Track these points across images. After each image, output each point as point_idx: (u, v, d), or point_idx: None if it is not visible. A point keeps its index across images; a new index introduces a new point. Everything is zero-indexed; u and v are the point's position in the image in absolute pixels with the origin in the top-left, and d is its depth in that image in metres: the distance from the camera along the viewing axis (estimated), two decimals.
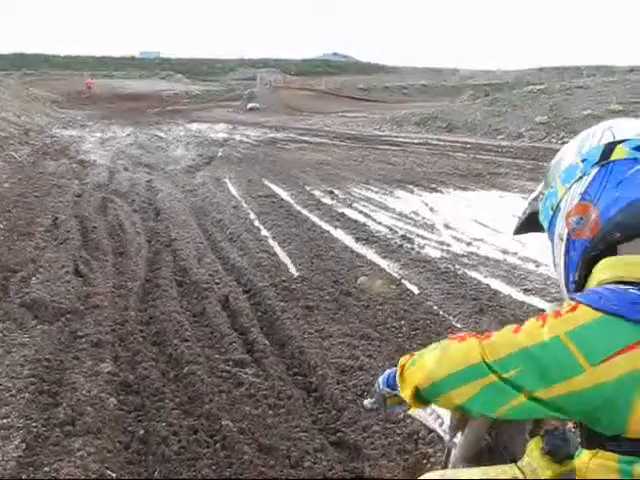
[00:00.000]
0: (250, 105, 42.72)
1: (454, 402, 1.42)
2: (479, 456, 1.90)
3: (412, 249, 8.68)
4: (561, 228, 1.50)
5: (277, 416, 4.34)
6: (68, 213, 10.24)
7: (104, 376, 4.79)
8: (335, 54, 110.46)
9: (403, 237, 9.28)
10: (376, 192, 13.08)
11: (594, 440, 1.33)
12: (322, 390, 4.71)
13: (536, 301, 6.74)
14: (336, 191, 12.96)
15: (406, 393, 1.62)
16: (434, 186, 13.64)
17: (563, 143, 8.04)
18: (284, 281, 7.23)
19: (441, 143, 21.92)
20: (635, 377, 1.23)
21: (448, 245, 8.93)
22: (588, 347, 1.24)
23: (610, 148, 1.42)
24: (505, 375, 1.31)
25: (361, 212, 11.12)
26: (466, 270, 7.79)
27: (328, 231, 9.70)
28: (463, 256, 8.38)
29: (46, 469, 3.68)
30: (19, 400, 4.38)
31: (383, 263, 8.08)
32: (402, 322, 6.07)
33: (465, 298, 6.79)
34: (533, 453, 1.53)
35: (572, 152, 1.51)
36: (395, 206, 11.62)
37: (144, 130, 26.96)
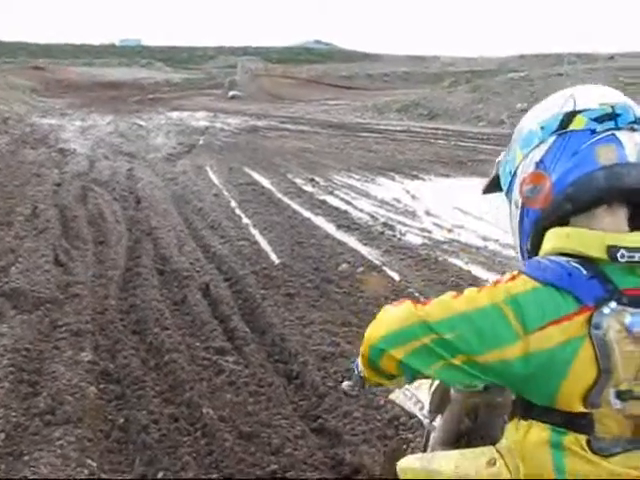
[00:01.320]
0: (231, 93, 42.44)
1: (395, 358, 1.42)
2: (458, 439, 1.94)
3: (393, 236, 8.71)
4: (517, 195, 1.49)
5: (258, 403, 4.35)
6: (48, 202, 10.17)
7: (84, 365, 4.78)
8: (317, 42, 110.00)
9: (384, 224, 9.30)
10: (357, 179, 13.09)
11: (529, 411, 1.35)
12: (303, 377, 4.72)
13: None
14: (317, 179, 12.95)
15: (363, 366, 1.65)
16: (415, 173, 13.67)
17: None
18: (265, 269, 7.23)
19: (422, 130, 21.92)
20: (568, 349, 1.26)
21: (429, 232, 8.96)
22: (524, 315, 1.27)
23: (569, 117, 1.39)
24: (445, 336, 1.32)
25: (342, 199, 11.13)
26: (447, 257, 7.82)
27: (309, 218, 9.69)
28: (444, 243, 8.41)
29: (26, 458, 3.67)
30: None
31: (364, 250, 8.09)
32: None
33: (446, 285, 6.81)
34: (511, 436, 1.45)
35: (533, 118, 1.49)
36: (376, 193, 11.64)
37: (124, 118, 26.75)
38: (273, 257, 7.77)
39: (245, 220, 9.55)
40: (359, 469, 3.67)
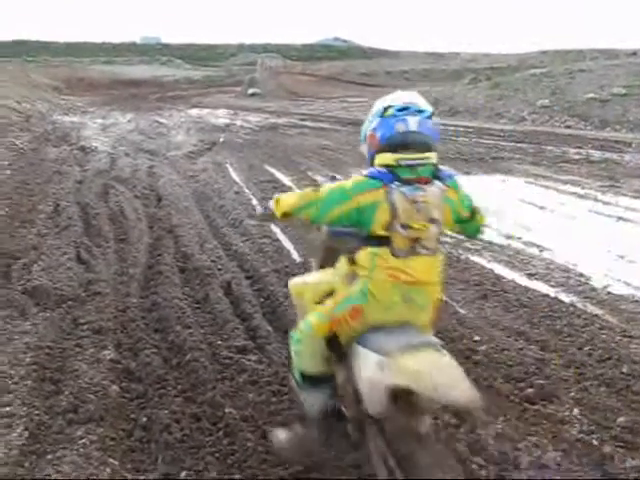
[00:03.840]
0: (251, 90, 42.51)
1: (307, 214, 3.12)
2: (322, 267, 3.73)
3: None
4: (366, 143, 3.21)
5: (280, 402, 4.32)
6: (70, 200, 10.21)
7: (106, 363, 4.78)
8: (336, 39, 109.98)
9: None
10: None
11: (363, 240, 3.03)
12: None
13: (540, 286, 6.72)
14: (338, 176, 12.85)
15: (279, 213, 3.23)
16: None
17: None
18: (287, 267, 7.19)
19: (443, 127, 21.75)
20: (375, 205, 2.91)
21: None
22: (354, 188, 2.98)
23: (386, 109, 3.10)
24: (325, 199, 3.05)
25: None
26: (469, 255, 7.76)
27: None
28: (466, 241, 8.33)
29: (49, 457, 3.68)
30: (21, 388, 4.38)
31: None
32: None
33: (468, 283, 6.77)
34: (343, 265, 3.31)
35: (374, 107, 3.18)
36: None
37: (145, 116, 26.87)
38: (295, 255, 7.73)
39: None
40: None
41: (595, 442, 3.93)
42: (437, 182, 3.03)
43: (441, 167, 3.12)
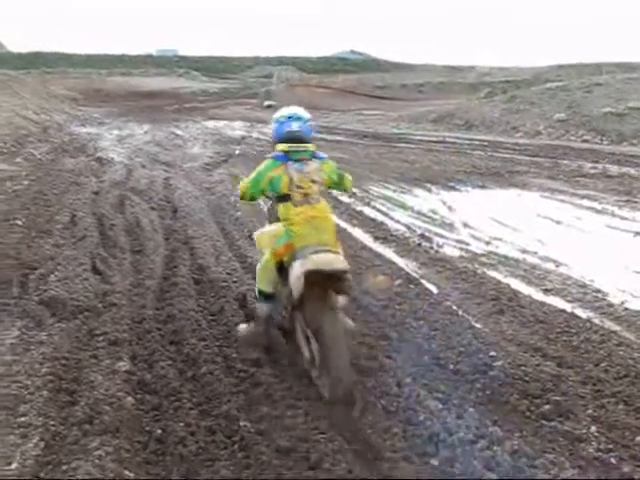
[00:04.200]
0: (267, 103, 42.59)
1: (247, 196, 5.31)
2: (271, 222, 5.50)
3: (431, 248, 8.63)
4: (272, 136, 5.51)
5: (295, 417, 4.31)
6: (86, 210, 10.26)
7: (121, 375, 4.79)
8: (352, 52, 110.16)
9: (421, 236, 9.23)
10: (394, 190, 13.02)
11: (279, 199, 5.13)
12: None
13: (556, 301, 6.69)
14: (354, 189, 12.89)
15: (239, 192, 5.39)
16: (452, 184, 13.55)
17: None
18: None
19: (459, 141, 21.75)
20: (280, 176, 5.07)
21: (467, 244, 8.87)
22: (266, 169, 5.17)
23: (278, 116, 5.45)
24: (251, 184, 5.25)
25: (379, 210, 11.09)
26: (485, 269, 7.73)
27: (346, 229, 9.66)
28: (482, 255, 8.31)
29: (64, 467, 3.69)
30: (37, 398, 4.40)
31: (401, 262, 8.03)
32: (421, 322, 6.02)
33: (484, 298, 6.74)
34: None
35: (275, 116, 5.50)
36: (413, 204, 11.57)
37: (161, 127, 26.98)
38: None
39: None
40: None
41: (614, 461, 3.90)
42: (315, 160, 5.28)
43: (318, 152, 5.38)
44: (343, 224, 9.97)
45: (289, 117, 5.34)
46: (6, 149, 16.64)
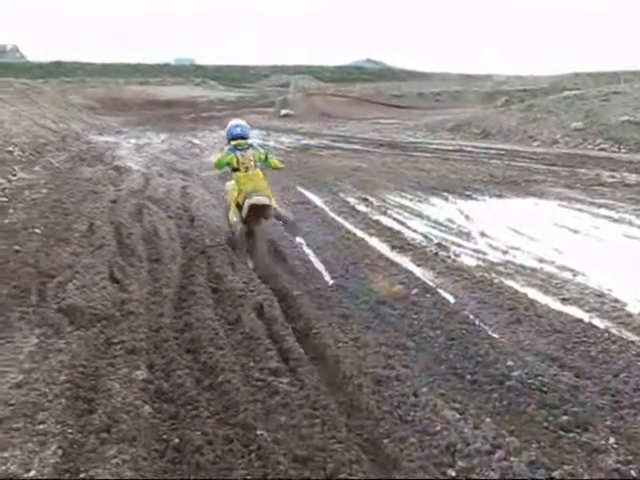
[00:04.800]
0: (283, 112, 42.73)
1: (218, 166, 9.00)
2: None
3: (447, 257, 8.61)
4: (225, 136, 9.44)
5: (312, 426, 4.30)
6: (104, 219, 10.32)
7: (139, 383, 4.80)
8: (368, 60, 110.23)
9: (438, 245, 9.21)
10: (411, 199, 13.00)
11: (233, 170, 8.74)
12: (358, 400, 4.68)
13: (574, 311, 6.65)
14: (370, 198, 12.90)
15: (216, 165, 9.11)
16: (469, 193, 13.51)
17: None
18: (319, 289, 7.21)
19: (475, 150, 21.69)
20: (232, 159, 8.70)
21: (484, 253, 8.84)
22: (225, 157, 8.82)
23: (229, 126, 9.24)
24: (219, 163, 8.92)
25: (396, 219, 11.07)
26: (502, 279, 7.70)
27: (363, 238, 9.66)
28: (499, 265, 8.28)
29: (82, 475, 3.71)
30: (56, 406, 4.42)
31: (418, 271, 8.02)
32: (438, 332, 6.01)
33: (501, 307, 6.71)
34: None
35: (228, 125, 9.39)
36: (430, 213, 11.55)
37: (179, 136, 27.13)
38: (327, 277, 7.75)
39: (298, 239, 9.54)
40: None
41: (634, 473, 3.86)
42: (251, 148, 8.80)
43: (253, 144, 9.02)
44: (360, 233, 9.97)
45: (235, 126, 9.09)
46: (25, 158, 16.78)
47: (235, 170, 8.63)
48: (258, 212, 8.33)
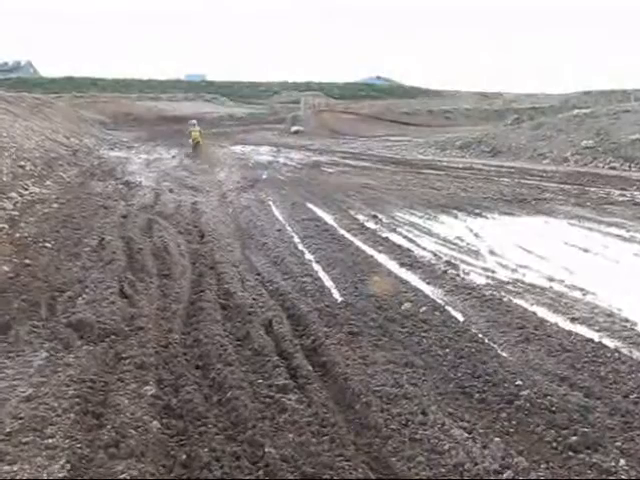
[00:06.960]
0: (294, 128, 42.93)
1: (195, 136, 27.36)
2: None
3: (457, 275, 8.59)
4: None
5: (320, 444, 4.29)
6: (114, 234, 10.36)
7: (147, 399, 4.81)
8: (378, 78, 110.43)
9: (447, 263, 9.19)
10: (420, 217, 13.00)
11: (193, 140, 28.47)
12: (366, 418, 4.67)
13: (583, 330, 6.61)
14: (380, 215, 12.91)
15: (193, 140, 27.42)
16: (478, 211, 13.50)
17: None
18: (328, 306, 7.21)
19: (485, 168, 21.69)
20: (196, 135, 27.71)
21: (493, 272, 8.82)
22: (190, 133, 28.58)
23: (189, 122, 29.12)
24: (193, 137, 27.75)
25: (405, 237, 11.06)
26: (511, 297, 7.68)
27: (372, 256, 9.66)
28: (508, 283, 8.26)
29: None
30: (64, 420, 4.43)
31: (427, 289, 8.00)
32: (447, 350, 5.99)
33: (511, 326, 6.68)
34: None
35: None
36: (439, 231, 11.54)
37: (189, 152, 27.26)
38: (336, 294, 7.75)
39: (308, 256, 9.56)
40: None
41: None
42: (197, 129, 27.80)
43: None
44: (369, 250, 9.97)
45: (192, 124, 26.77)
46: (37, 172, 16.86)
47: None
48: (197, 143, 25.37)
